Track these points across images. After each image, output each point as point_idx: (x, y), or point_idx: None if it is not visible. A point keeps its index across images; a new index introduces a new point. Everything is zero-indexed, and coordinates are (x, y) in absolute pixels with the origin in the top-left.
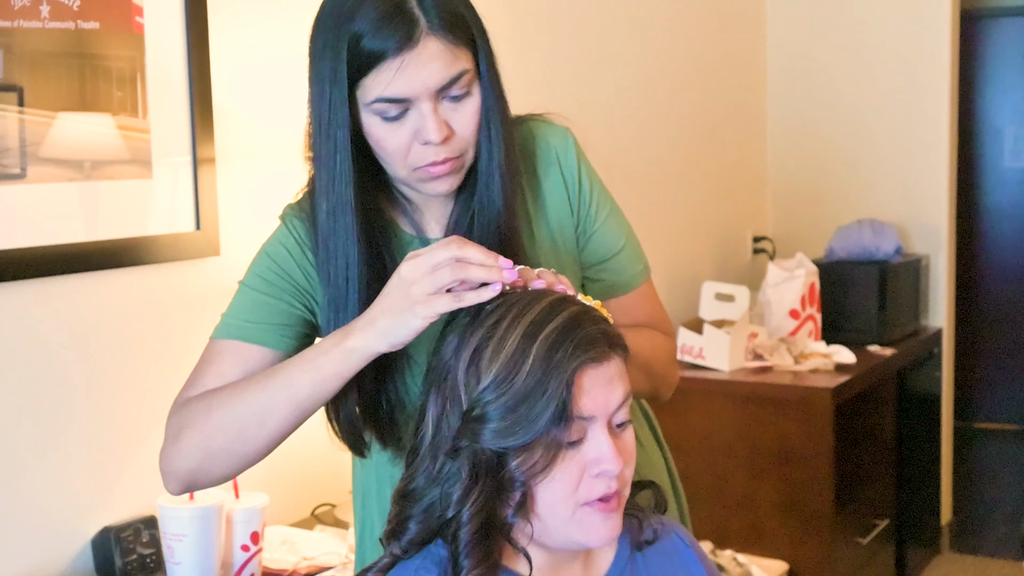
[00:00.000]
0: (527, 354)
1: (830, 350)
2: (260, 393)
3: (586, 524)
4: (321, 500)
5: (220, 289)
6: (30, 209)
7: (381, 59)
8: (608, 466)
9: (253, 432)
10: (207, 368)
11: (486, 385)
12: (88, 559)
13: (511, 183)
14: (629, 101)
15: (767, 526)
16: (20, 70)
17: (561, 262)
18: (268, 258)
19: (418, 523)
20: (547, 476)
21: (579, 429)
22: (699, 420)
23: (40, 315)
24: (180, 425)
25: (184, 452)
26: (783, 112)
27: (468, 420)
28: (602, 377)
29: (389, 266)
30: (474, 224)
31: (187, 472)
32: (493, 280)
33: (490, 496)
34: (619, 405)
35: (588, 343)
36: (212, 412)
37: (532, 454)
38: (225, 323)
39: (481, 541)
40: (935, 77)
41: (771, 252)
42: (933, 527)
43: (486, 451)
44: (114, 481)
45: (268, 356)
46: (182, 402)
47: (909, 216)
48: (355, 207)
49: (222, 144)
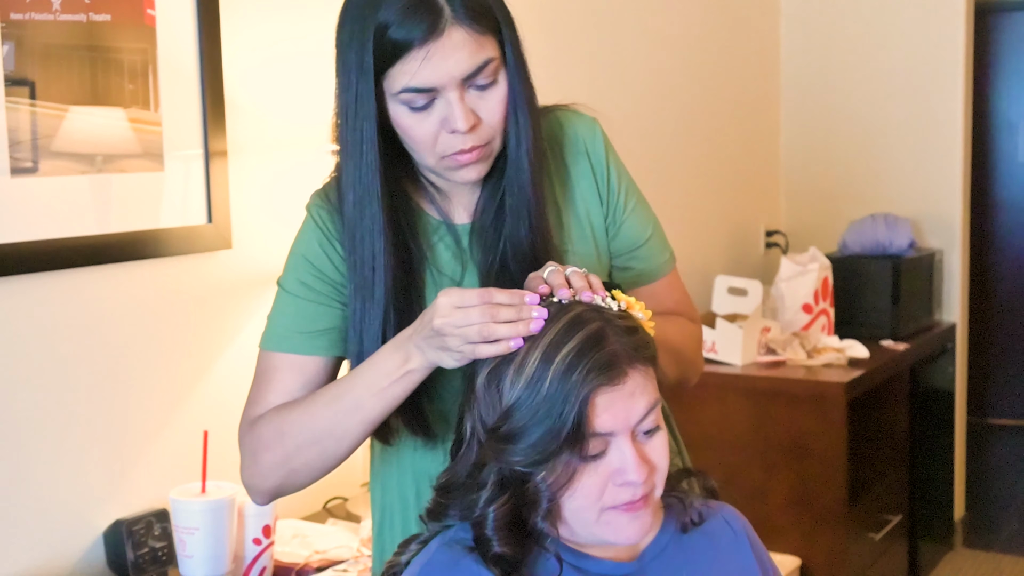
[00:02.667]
0: (544, 377)
1: (843, 345)
2: (331, 415)
3: (613, 525)
4: (333, 494)
5: (232, 282)
6: (42, 202)
7: (407, 49)
8: (631, 476)
9: (332, 450)
10: (268, 385)
11: (508, 407)
12: (100, 552)
13: (539, 170)
14: (642, 96)
15: (779, 521)
16: (32, 63)
17: (589, 250)
18: (306, 260)
19: (458, 514)
20: (570, 488)
21: (600, 443)
22: (711, 415)
23: (52, 308)
24: (255, 448)
25: (265, 472)
26: (796, 106)
27: (492, 440)
28: (620, 394)
29: (415, 255)
30: (502, 211)
31: (273, 487)
32: (520, 334)
33: (517, 504)
34: (642, 416)
35: (604, 365)
36: (286, 436)
37: (554, 470)
38: (276, 334)
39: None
40: (949, 71)
41: (784, 246)
42: (946, 523)
43: (512, 468)
44: (126, 474)
45: (325, 364)
46: (251, 421)
47: (923, 210)
48: (381, 197)
49: (234, 137)
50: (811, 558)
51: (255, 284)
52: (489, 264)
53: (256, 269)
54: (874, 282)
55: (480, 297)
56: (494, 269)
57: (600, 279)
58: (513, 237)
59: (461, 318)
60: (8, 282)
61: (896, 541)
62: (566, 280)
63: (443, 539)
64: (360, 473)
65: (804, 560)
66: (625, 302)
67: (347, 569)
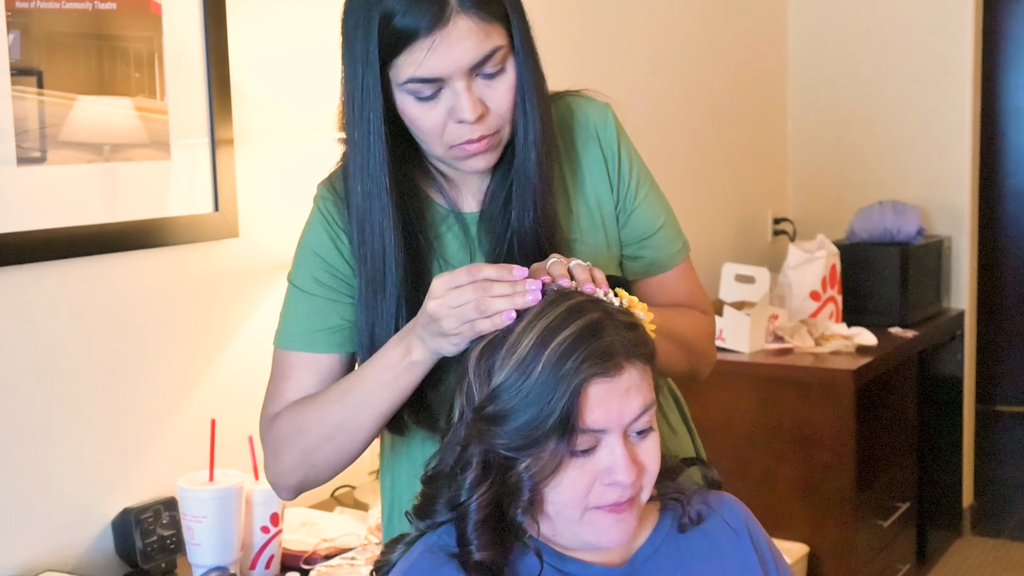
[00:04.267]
0: (537, 361)
1: (851, 332)
2: (343, 411)
3: (595, 526)
4: (341, 482)
5: (239, 270)
6: (50, 191)
7: (412, 39)
8: (620, 477)
9: (347, 444)
10: (285, 383)
11: (496, 386)
12: (108, 540)
13: (547, 159)
14: (649, 82)
15: (788, 509)
16: (38, 52)
17: (599, 239)
18: (315, 255)
19: (445, 506)
20: (554, 481)
21: (590, 439)
22: (719, 402)
23: (59, 297)
24: (276, 445)
25: (288, 468)
26: (804, 92)
27: (478, 420)
28: (615, 389)
29: (424, 245)
30: (511, 200)
31: (296, 483)
32: (517, 307)
33: (498, 492)
34: (636, 416)
35: (601, 355)
36: (304, 432)
37: (539, 459)
38: (290, 332)
39: (487, 529)
40: (958, 56)
41: (792, 233)
42: (954, 510)
43: (496, 451)
44: (134, 463)
45: (341, 360)
46: (270, 419)
47: (931, 197)
48: (390, 189)
49: (240, 125)
50: (819, 545)
51: (262, 272)
52: (496, 253)
53: (263, 257)
54: (882, 269)
55: (469, 273)
56: (501, 258)
57: (604, 274)
58: (520, 226)
59: (455, 298)
60: (16, 271)
61: (904, 528)
62: (568, 272)
63: (427, 543)
64: (368, 462)
65: (812, 547)
66: (627, 300)
67: (355, 557)
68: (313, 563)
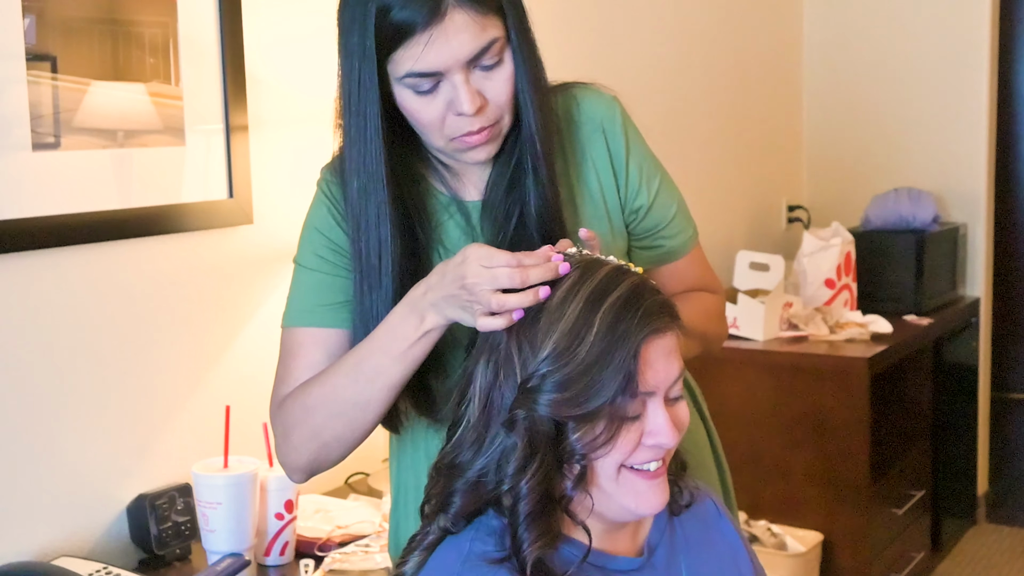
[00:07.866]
0: (591, 323)
1: (866, 320)
2: (353, 385)
3: (635, 490)
4: (355, 469)
5: (253, 257)
6: (64, 177)
7: (409, 34)
8: (664, 439)
9: (359, 419)
10: (293, 362)
11: (545, 356)
12: (123, 526)
13: (548, 147)
14: (663, 69)
15: (802, 496)
16: (53, 37)
17: (603, 230)
18: (319, 234)
19: (464, 496)
20: (608, 449)
21: (640, 404)
22: (734, 390)
23: (73, 282)
24: (286, 425)
25: (299, 449)
26: (819, 79)
27: (525, 391)
28: (664, 349)
29: (422, 241)
30: (512, 188)
31: (307, 464)
32: (549, 278)
33: (549, 469)
34: (676, 378)
35: (652, 313)
36: (312, 410)
37: (594, 427)
38: (296, 310)
39: (541, 514)
40: (974, 43)
41: (806, 221)
42: (969, 498)
43: (545, 423)
44: (149, 449)
45: (348, 336)
46: (280, 400)
47: (947, 184)
48: (387, 184)
49: (255, 111)
50: (834, 533)
51: (276, 259)
52: (499, 242)
53: (277, 244)
54: (897, 257)
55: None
56: (504, 246)
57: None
58: (522, 214)
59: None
60: (30, 256)
61: (919, 516)
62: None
63: (459, 552)
64: (382, 449)
65: (827, 535)
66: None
67: (369, 544)
68: (327, 550)
